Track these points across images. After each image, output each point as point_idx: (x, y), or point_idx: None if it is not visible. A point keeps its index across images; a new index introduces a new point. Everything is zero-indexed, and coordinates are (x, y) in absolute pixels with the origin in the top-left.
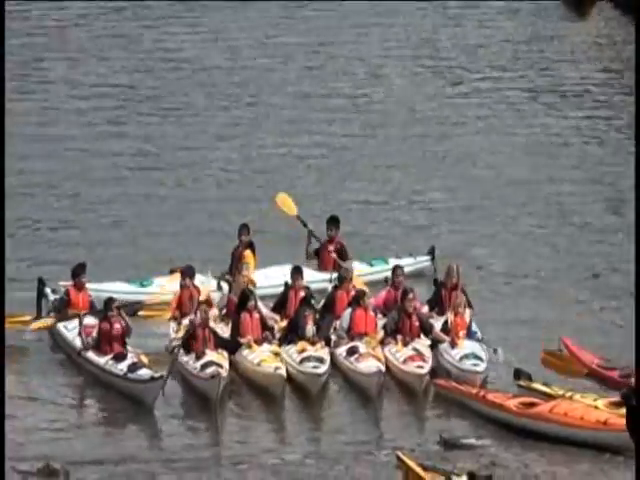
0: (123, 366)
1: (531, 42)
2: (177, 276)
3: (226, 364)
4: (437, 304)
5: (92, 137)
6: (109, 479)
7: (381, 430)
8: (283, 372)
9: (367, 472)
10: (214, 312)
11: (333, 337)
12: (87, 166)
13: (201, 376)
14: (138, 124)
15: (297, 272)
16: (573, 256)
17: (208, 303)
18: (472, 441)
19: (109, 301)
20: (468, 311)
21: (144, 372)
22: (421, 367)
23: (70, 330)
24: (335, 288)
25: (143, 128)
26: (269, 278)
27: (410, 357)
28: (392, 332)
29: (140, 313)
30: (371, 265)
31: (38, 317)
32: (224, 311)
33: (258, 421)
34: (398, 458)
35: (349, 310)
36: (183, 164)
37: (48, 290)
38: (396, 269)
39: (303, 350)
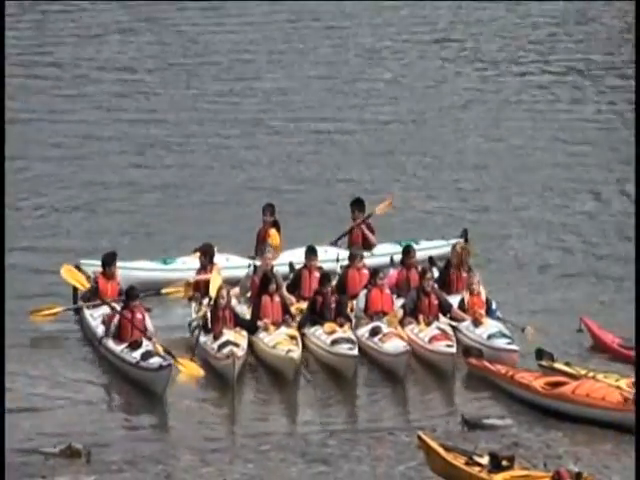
0: (137, 354)
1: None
2: (199, 255)
3: (244, 343)
4: (444, 284)
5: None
6: (131, 460)
7: (403, 410)
8: (295, 355)
9: (389, 452)
10: (235, 291)
11: (352, 318)
12: (107, 150)
13: (217, 356)
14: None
15: (311, 252)
16: (603, 246)
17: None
18: (494, 421)
19: (130, 290)
20: (483, 290)
21: (155, 360)
22: (450, 346)
23: (95, 318)
24: (346, 268)
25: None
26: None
27: (435, 337)
28: (411, 312)
29: (163, 291)
30: (401, 245)
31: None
32: (249, 294)
33: (278, 402)
34: (420, 438)
35: (364, 290)
36: (209, 148)
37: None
38: (408, 249)
39: (333, 331)
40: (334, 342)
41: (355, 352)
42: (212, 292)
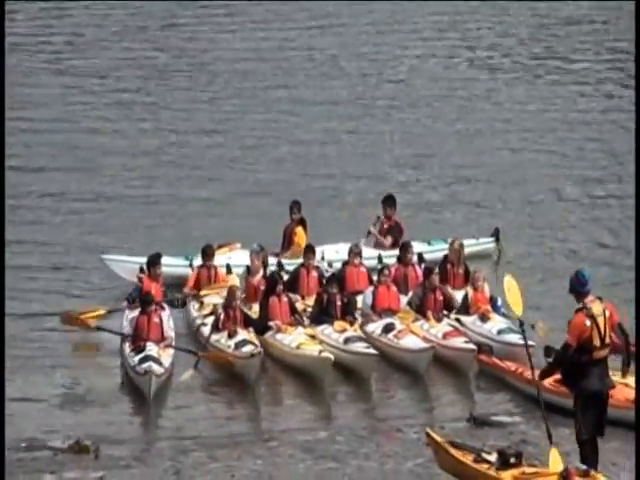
0: (137, 358)
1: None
2: (224, 251)
3: (258, 343)
4: (441, 280)
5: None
6: (139, 456)
7: (411, 407)
8: (329, 355)
9: (397, 449)
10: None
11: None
12: (133, 143)
13: (238, 355)
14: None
15: (309, 251)
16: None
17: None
18: (502, 418)
19: (147, 296)
20: (487, 286)
21: (146, 365)
22: (468, 342)
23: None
24: (344, 264)
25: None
26: (340, 253)
27: (449, 333)
28: (418, 308)
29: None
30: (429, 244)
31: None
32: (243, 295)
33: (286, 399)
34: (428, 435)
35: (371, 287)
36: (239, 145)
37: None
38: (406, 246)
39: (344, 330)
40: (347, 340)
41: (374, 351)
42: (219, 291)
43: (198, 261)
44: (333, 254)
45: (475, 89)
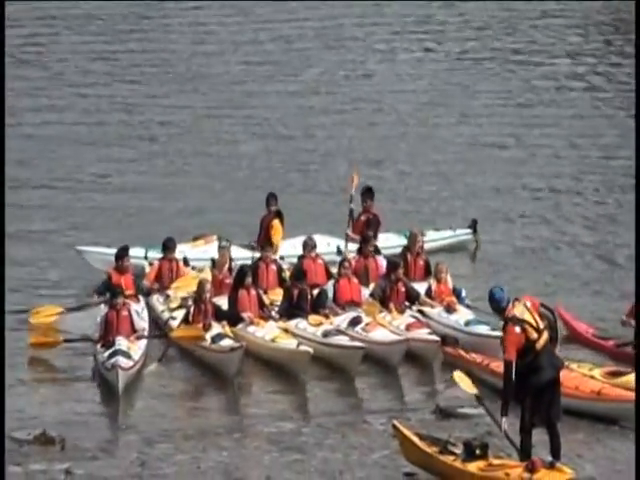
0: (106, 354)
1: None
2: (200, 243)
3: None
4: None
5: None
6: (106, 448)
7: (377, 399)
8: (309, 349)
9: (362, 441)
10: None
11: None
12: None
13: (217, 349)
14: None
15: (268, 244)
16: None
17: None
18: (468, 410)
19: (114, 290)
20: (450, 278)
21: (114, 360)
22: (431, 333)
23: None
24: (301, 257)
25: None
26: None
27: (412, 324)
28: (380, 300)
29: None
30: (406, 237)
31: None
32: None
33: (253, 392)
34: (394, 427)
35: (332, 281)
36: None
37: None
38: (366, 238)
39: (319, 324)
40: (326, 334)
41: (360, 344)
42: (185, 285)
43: (153, 254)
44: (325, 246)
45: (449, 82)
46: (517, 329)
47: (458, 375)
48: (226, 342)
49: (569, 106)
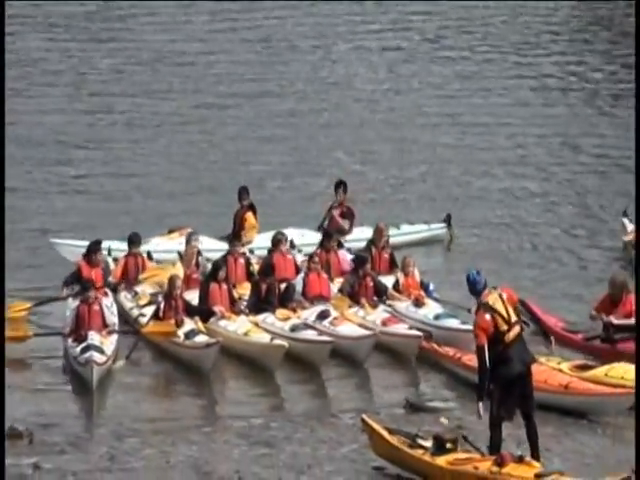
0: (78, 349)
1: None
2: (175, 236)
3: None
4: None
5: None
6: (74, 442)
7: (347, 393)
8: (284, 343)
9: (331, 435)
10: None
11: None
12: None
13: (189, 345)
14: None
15: (236, 239)
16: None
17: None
18: (438, 404)
19: (85, 284)
20: (417, 272)
21: (87, 354)
22: (411, 328)
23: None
24: (270, 252)
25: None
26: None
27: (388, 319)
28: (350, 295)
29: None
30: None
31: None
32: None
33: (223, 386)
34: (363, 421)
35: (301, 274)
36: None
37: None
38: (329, 233)
39: (287, 318)
40: (294, 328)
41: (328, 338)
42: (152, 276)
43: (150, 246)
44: (299, 238)
45: (428, 81)
46: (487, 316)
47: (443, 420)
48: (201, 338)
49: (547, 105)
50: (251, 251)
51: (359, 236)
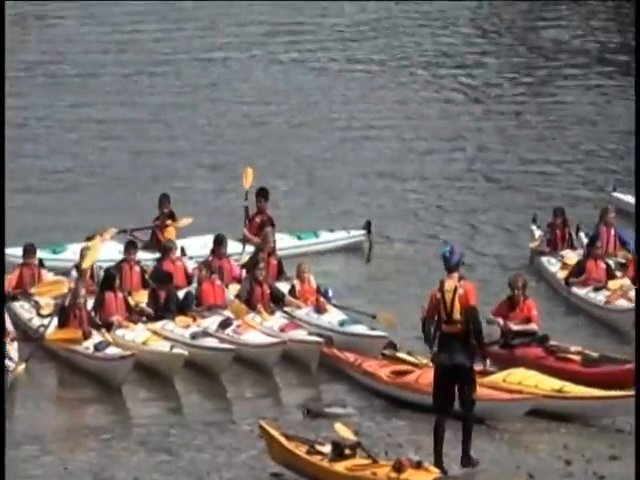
0: None
1: None
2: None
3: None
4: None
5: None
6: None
7: (245, 400)
8: (183, 351)
9: (230, 441)
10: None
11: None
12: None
13: (102, 357)
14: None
15: (131, 246)
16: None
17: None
18: (336, 410)
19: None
20: (313, 278)
21: None
22: (311, 334)
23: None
24: (160, 260)
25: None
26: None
27: (286, 326)
28: (246, 302)
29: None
30: (299, 238)
31: None
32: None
33: (121, 394)
34: (261, 427)
35: (194, 284)
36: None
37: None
38: (220, 239)
39: (187, 325)
40: (194, 336)
41: (230, 345)
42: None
43: (67, 254)
44: (197, 249)
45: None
46: (437, 295)
47: (339, 427)
48: (112, 350)
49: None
50: (190, 257)
51: (279, 245)
